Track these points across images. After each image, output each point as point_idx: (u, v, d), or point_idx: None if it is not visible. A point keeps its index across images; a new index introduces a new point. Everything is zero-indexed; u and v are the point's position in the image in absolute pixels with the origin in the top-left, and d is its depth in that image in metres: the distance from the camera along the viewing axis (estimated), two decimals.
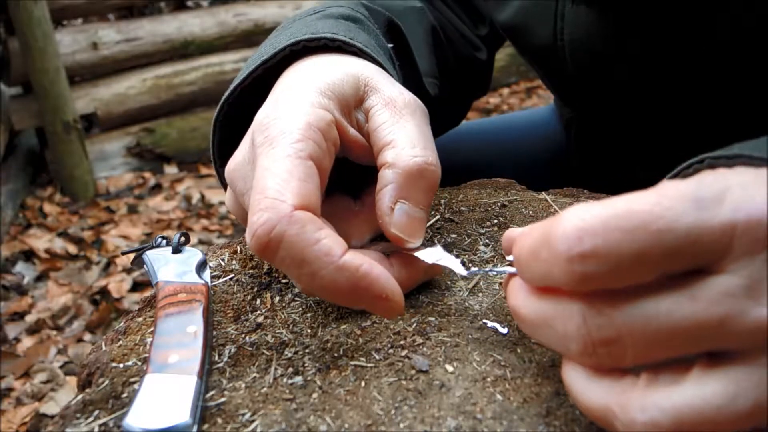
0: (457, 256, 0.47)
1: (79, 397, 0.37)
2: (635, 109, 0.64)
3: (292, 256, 0.34)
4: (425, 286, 0.44)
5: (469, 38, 0.74)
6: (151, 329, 0.40)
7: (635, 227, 0.25)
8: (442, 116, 0.71)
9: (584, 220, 0.26)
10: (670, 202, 0.26)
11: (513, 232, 0.36)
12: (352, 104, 0.43)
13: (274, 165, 0.37)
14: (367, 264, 0.35)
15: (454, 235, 0.49)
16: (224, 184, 0.49)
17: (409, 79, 0.60)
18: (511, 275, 0.34)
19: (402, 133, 0.40)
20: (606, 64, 0.62)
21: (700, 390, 0.26)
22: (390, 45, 0.55)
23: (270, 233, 0.34)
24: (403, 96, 0.43)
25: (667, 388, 0.26)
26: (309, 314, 0.42)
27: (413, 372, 0.37)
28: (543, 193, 0.55)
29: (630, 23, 0.58)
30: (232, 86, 0.47)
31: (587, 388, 0.29)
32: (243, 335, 0.41)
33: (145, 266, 0.45)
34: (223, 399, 0.36)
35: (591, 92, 0.67)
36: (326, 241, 0.35)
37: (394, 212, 0.39)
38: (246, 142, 0.41)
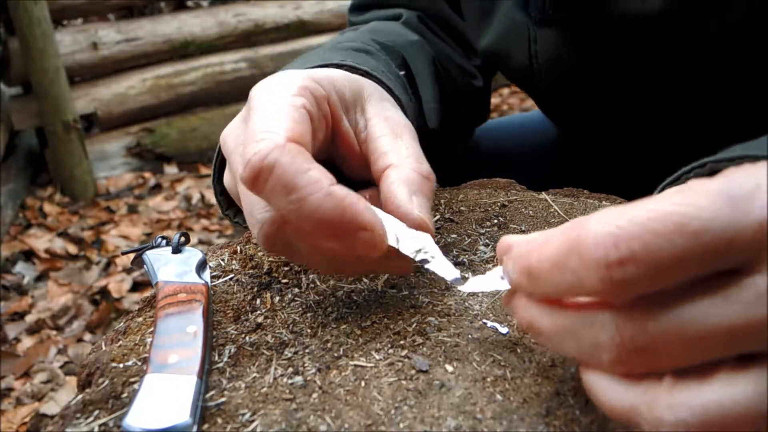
0: (457, 256, 0.47)
1: (79, 397, 0.37)
2: (616, 121, 0.66)
3: (282, 183, 0.36)
4: (425, 285, 0.44)
5: (464, 67, 0.76)
6: (151, 329, 0.40)
7: (671, 230, 0.25)
8: (444, 144, 0.72)
9: (618, 226, 0.25)
10: (704, 202, 0.25)
11: (507, 240, 0.33)
12: (350, 104, 0.44)
13: (270, 108, 0.39)
14: (354, 195, 0.36)
15: (454, 235, 0.49)
16: (222, 206, 0.53)
17: (417, 108, 0.62)
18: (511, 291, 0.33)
19: (404, 145, 0.43)
20: (579, 83, 0.64)
21: (729, 389, 0.25)
22: (402, 72, 0.58)
23: (263, 161, 0.35)
24: (401, 117, 0.46)
25: (695, 387, 0.26)
26: (309, 314, 0.42)
27: (413, 372, 0.37)
28: (543, 193, 0.55)
29: (593, 43, 0.60)
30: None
31: (612, 389, 0.28)
32: (243, 335, 0.41)
33: (145, 266, 0.45)
34: (223, 399, 0.36)
35: (571, 109, 0.69)
36: (316, 171, 0.36)
37: (414, 201, 0.40)
38: (242, 111, 0.44)
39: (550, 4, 0.55)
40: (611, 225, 0.26)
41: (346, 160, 0.45)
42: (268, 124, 0.38)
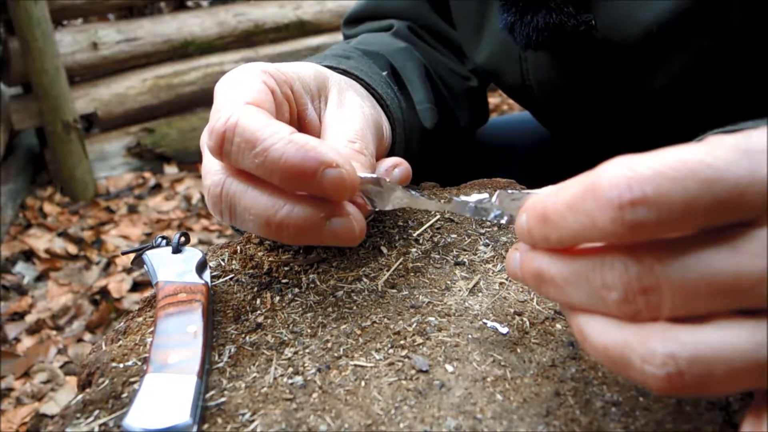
0: (457, 256, 0.47)
1: (79, 397, 0.37)
2: (610, 132, 0.67)
3: (246, 139, 0.38)
4: (425, 286, 0.44)
5: (457, 71, 0.78)
6: (151, 329, 0.40)
7: (685, 176, 0.25)
8: (446, 146, 0.73)
9: (633, 170, 0.26)
10: (720, 152, 0.26)
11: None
12: (314, 93, 0.48)
13: (230, 90, 0.42)
14: (315, 140, 0.38)
15: (454, 235, 0.49)
16: None
17: (409, 110, 0.63)
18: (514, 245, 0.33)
19: (346, 128, 0.45)
20: (570, 100, 0.65)
21: (725, 333, 0.26)
22: (384, 72, 0.60)
23: (226, 123, 0.38)
24: (359, 104, 0.48)
25: (691, 327, 0.26)
26: (309, 314, 0.42)
27: (413, 372, 0.37)
28: None
29: (580, 65, 0.62)
30: None
31: (607, 329, 0.28)
32: (243, 335, 0.41)
33: (145, 266, 0.45)
34: (223, 399, 0.36)
35: (566, 121, 0.71)
36: (276, 124, 0.38)
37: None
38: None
39: (533, 30, 0.56)
40: (627, 168, 0.26)
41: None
42: (227, 100, 0.41)
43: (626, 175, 0.26)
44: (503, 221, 0.38)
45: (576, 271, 0.29)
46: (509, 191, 0.37)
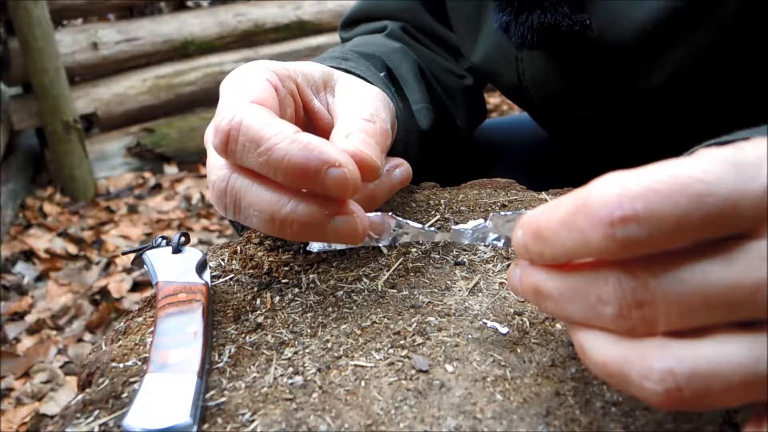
0: (457, 256, 0.47)
1: (79, 397, 0.37)
2: (607, 132, 0.68)
3: (251, 138, 0.38)
4: (425, 286, 0.44)
5: (452, 70, 0.78)
6: (151, 329, 0.40)
7: (675, 191, 0.25)
8: (443, 145, 0.73)
9: (623, 186, 0.26)
10: (710, 167, 0.26)
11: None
12: (320, 85, 0.49)
13: (234, 88, 0.42)
14: (318, 139, 0.38)
15: None
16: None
17: (405, 110, 0.63)
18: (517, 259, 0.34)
19: (357, 106, 0.46)
20: (566, 99, 0.66)
21: (722, 348, 0.26)
22: (382, 74, 0.61)
23: (231, 122, 0.39)
24: (366, 88, 0.49)
25: (689, 342, 0.26)
26: (309, 314, 0.42)
27: (413, 372, 0.37)
28: (543, 193, 0.55)
29: (575, 65, 0.62)
30: None
31: (606, 345, 0.28)
32: (243, 335, 0.41)
33: (145, 266, 0.45)
34: (223, 399, 0.36)
35: (562, 121, 0.71)
36: (279, 122, 0.39)
37: (349, 137, 0.42)
38: None
39: (528, 30, 0.56)
40: (618, 185, 0.26)
41: (320, 129, 0.48)
42: (232, 98, 0.41)
43: (617, 192, 0.26)
44: (500, 244, 0.39)
45: (572, 286, 0.29)
46: (502, 213, 0.38)
